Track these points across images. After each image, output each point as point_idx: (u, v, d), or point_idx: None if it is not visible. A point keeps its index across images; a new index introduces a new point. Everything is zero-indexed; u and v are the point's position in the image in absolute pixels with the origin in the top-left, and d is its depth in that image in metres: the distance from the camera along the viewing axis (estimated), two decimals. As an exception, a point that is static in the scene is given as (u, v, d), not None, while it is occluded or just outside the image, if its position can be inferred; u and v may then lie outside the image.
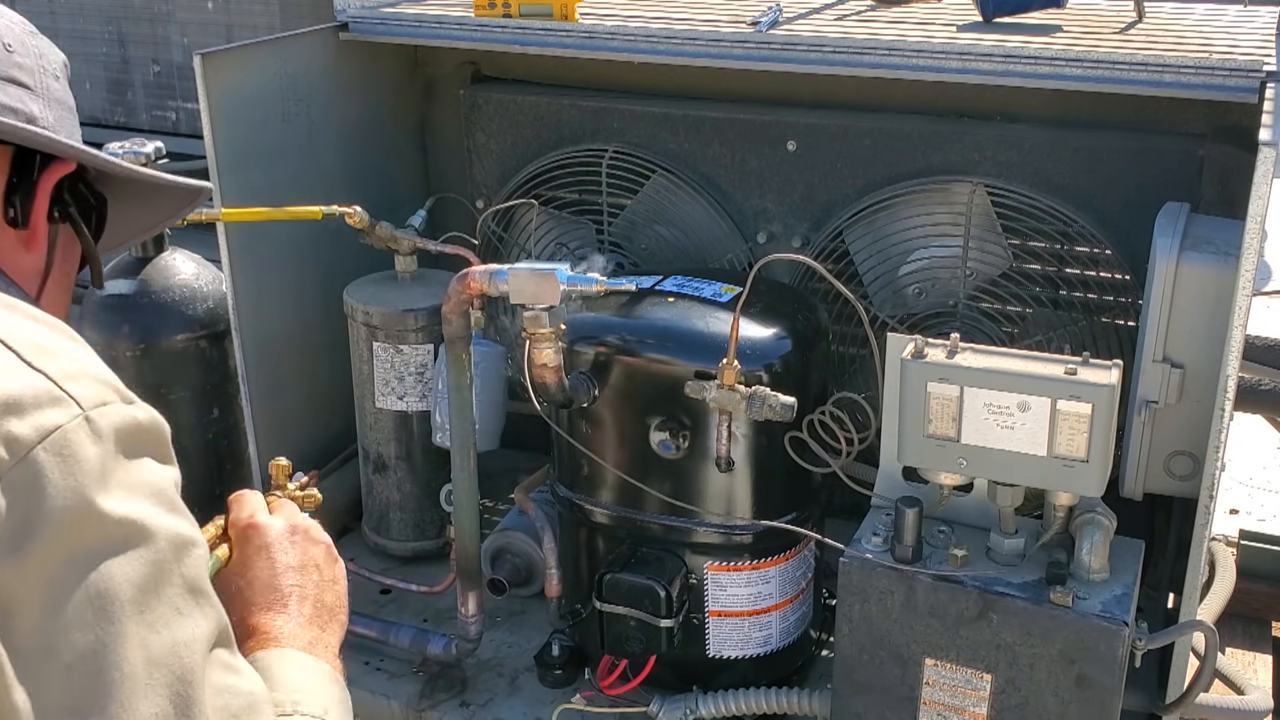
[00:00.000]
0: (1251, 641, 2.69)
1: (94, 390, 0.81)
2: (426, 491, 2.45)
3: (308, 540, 1.23)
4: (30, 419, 0.77)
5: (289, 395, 2.49)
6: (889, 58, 2.06)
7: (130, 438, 0.82)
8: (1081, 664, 1.63)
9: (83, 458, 0.78)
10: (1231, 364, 1.60)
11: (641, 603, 1.92)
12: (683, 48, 2.21)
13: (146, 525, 0.81)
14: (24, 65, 1.02)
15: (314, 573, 1.20)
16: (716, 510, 1.96)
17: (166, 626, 0.81)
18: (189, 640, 0.82)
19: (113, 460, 0.80)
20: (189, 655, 0.82)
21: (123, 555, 0.79)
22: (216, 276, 2.61)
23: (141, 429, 0.84)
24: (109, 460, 0.79)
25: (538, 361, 1.85)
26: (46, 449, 0.76)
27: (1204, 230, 1.81)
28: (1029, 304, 2.19)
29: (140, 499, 0.81)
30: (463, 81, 2.63)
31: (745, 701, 1.98)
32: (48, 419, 0.77)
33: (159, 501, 0.83)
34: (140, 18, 5.73)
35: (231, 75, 2.22)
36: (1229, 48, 2.00)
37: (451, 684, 2.15)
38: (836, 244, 2.31)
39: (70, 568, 0.77)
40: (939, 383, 1.66)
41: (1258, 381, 2.60)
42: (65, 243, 1.07)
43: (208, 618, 0.85)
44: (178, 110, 5.78)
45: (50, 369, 0.80)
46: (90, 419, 0.79)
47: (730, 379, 1.80)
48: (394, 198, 2.59)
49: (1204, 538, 1.69)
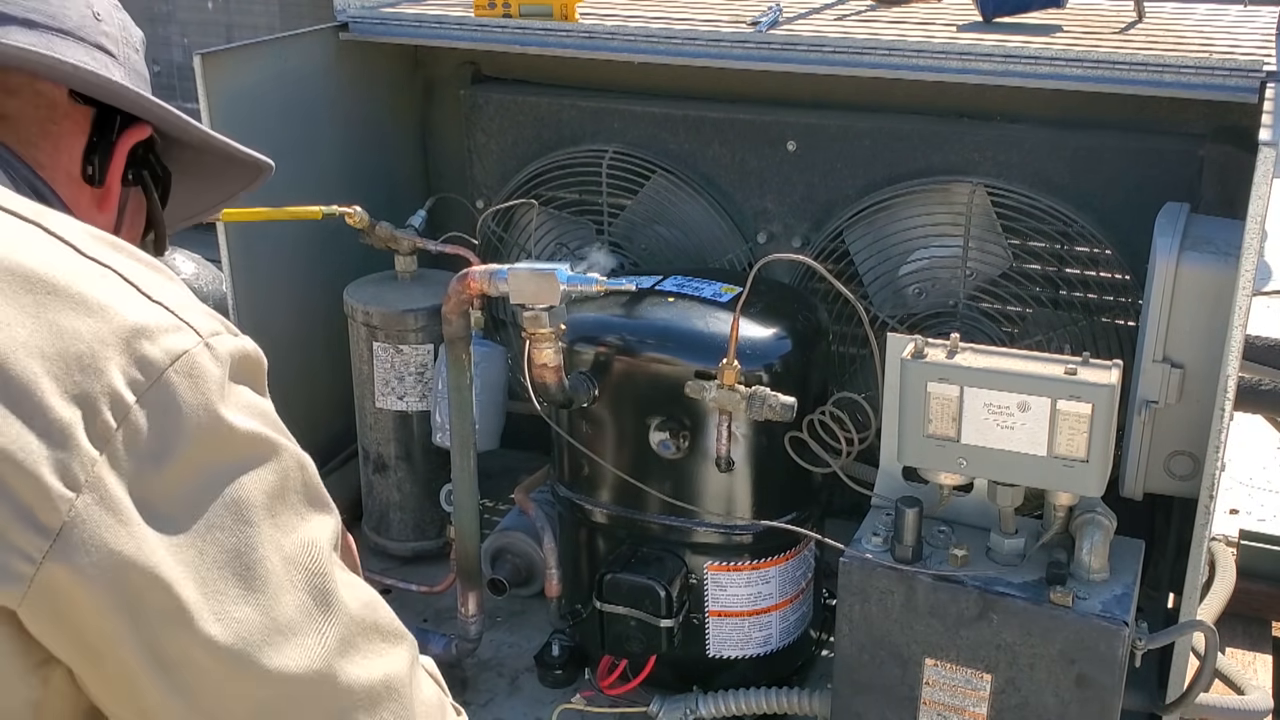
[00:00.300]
0: (1251, 641, 2.69)
1: (208, 321, 0.87)
2: (426, 491, 2.45)
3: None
4: (160, 343, 0.82)
5: (289, 395, 2.48)
6: (889, 58, 2.06)
7: (240, 365, 0.88)
8: (1081, 664, 1.63)
9: (210, 378, 0.83)
10: (1231, 364, 1.60)
11: (641, 603, 1.92)
12: (683, 48, 2.21)
13: (270, 439, 0.88)
14: (110, 34, 1.07)
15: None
16: (716, 510, 1.96)
17: (294, 530, 0.87)
18: (315, 540, 0.89)
19: (228, 385, 0.86)
20: (317, 553, 0.89)
21: (253, 467, 0.86)
22: (216, 276, 2.62)
23: (249, 358, 0.90)
24: (226, 383, 0.85)
25: (538, 361, 1.85)
26: (178, 370, 0.81)
27: (1204, 230, 1.81)
28: (1029, 304, 2.19)
29: (255, 417, 0.88)
30: (463, 81, 2.63)
31: (745, 701, 1.98)
32: (176, 343, 0.82)
33: (268, 422, 0.90)
34: (140, 18, 5.71)
35: (231, 75, 2.22)
36: (1229, 48, 2.00)
37: (451, 684, 2.14)
38: (836, 244, 2.31)
39: (208, 478, 0.83)
40: (939, 383, 1.66)
41: (1258, 381, 2.60)
42: (134, 208, 1.12)
43: (325, 524, 0.91)
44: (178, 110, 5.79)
45: (169, 301, 0.85)
46: (210, 345, 0.85)
47: (730, 379, 1.80)
48: (394, 198, 2.59)
49: (1204, 538, 1.69)
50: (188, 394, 0.82)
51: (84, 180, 1.04)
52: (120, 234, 1.09)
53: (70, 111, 1.03)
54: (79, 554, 0.75)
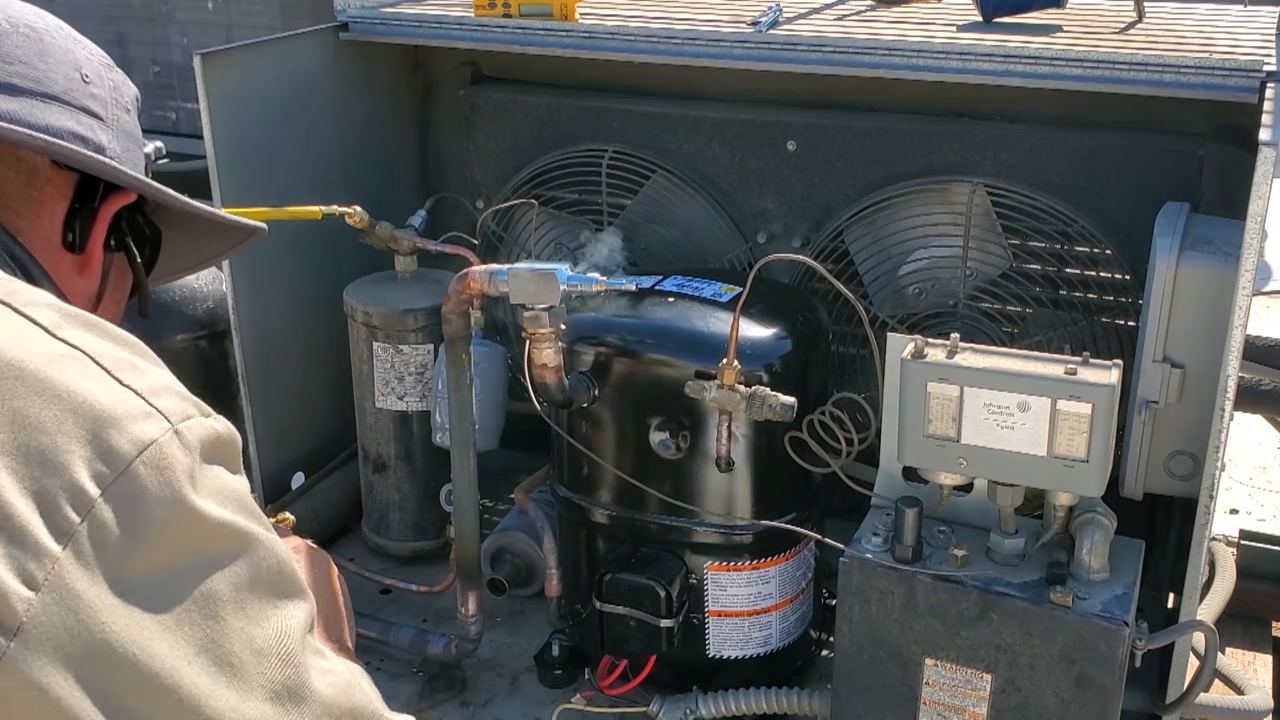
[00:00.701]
0: (1251, 641, 2.69)
1: (179, 405, 0.86)
2: (426, 491, 2.45)
3: (319, 556, 1.30)
4: (127, 433, 0.80)
5: (289, 395, 2.49)
6: (889, 58, 2.06)
7: (211, 448, 0.87)
8: (1082, 664, 1.63)
9: (178, 467, 0.82)
10: (1231, 364, 1.60)
11: (641, 603, 1.92)
12: (683, 48, 2.21)
13: (239, 528, 0.86)
14: (98, 96, 1.05)
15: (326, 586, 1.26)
16: (716, 510, 1.96)
17: (266, 620, 0.86)
18: (287, 630, 0.88)
19: (199, 469, 0.84)
20: (289, 642, 0.87)
21: (224, 561, 0.84)
22: (216, 276, 2.62)
23: (221, 441, 0.89)
24: (196, 470, 0.84)
25: (538, 361, 1.85)
26: (145, 461, 0.80)
27: (1204, 230, 1.81)
28: (1029, 304, 2.19)
29: (227, 504, 0.86)
30: (463, 81, 2.63)
31: (745, 701, 1.98)
32: (143, 432, 0.81)
33: (241, 507, 0.88)
34: (140, 18, 5.74)
35: (231, 75, 2.22)
36: (1229, 48, 2.00)
37: (451, 684, 2.15)
38: (836, 244, 2.31)
39: (178, 570, 0.81)
40: (939, 383, 1.66)
41: (1258, 381, 2.60)
42: (118, 271, 1.11)
43: (297, 611, 0.90)
44: (178, 110, 5.78)
45: (138, 385, 0.84)
46: (179, 432, 0.83)
47: (730, 379, 1.80)
48: (394, 198, 2.59)
49: (1204, 538, 1.69)
50: (155, 485, 0.80)
51: (64, 247, 1.03)
52: (104, 298, 1.09)
53: (52, 177, 1.02)
54: (37, 654, 0.73)
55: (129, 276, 1.13)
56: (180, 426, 0.84)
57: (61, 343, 0.83)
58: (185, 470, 0.82)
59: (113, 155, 1.05)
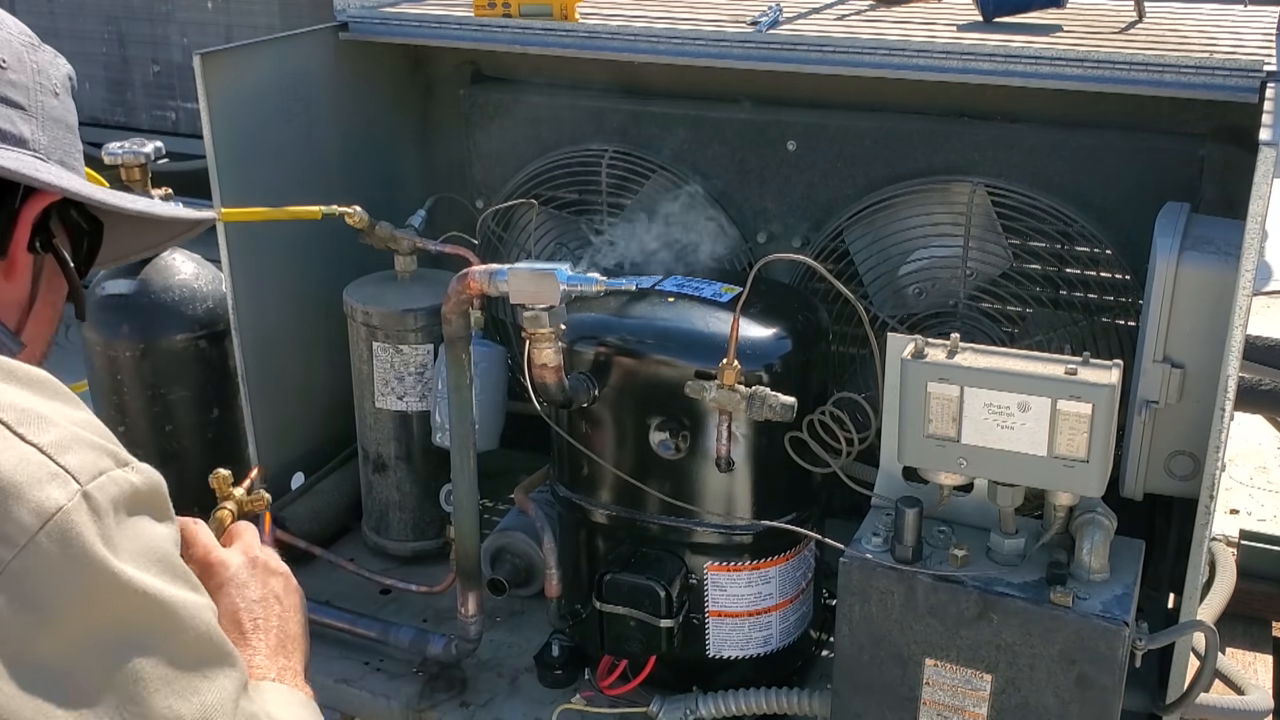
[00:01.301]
0: (1252, 641, 2.69)
1: (90, 460, 0.79)
2: (426, 491, 2.44)
3: (267, 572, 1.25)
4: (29, 503, 0.75)
5: (289, 395, 2.49)
6: (890, 58, 2.06)
7: (131, 502, 0.81)
8: (1082, 664, 1.63)
9: (86, 535, 0.76)
10: (1232, 364, 1.60)
11: (641, 603, 1.92)
12: (683, 47, 2.21)
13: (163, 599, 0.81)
14: (18, 83, 0.97)
15: (275, 604, 1.22)
16: (716, 510, 1.96)
17: (195, 693, 0.82)
18: (218, 702, 0.83)
19: (117, 529, 0.78)
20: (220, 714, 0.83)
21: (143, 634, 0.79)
22: (216, 276, 2.61)
23: (139, 494, 0.83)
24: (113, 530, 0.78)
25: (538, 361, 1.85)
26: (49, 534, 0.74)
27: (1204, 230, 1.80)
28: (1029, 304, 2.19)
29: (147, 568, 0.80)
30: (463, 81, 2.63)
31: (745, 702, 1.98)
32: (47, 501, 0.75)
33: (164, 569, 0.82)
34: (140, 18, 5.73)
35: (231, 75, 2.22)
36: (1230, 48, 2.00)
37: (451, 684, 2.15)
38: (836, 244, 2.31)
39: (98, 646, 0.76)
40: (939, 383, 1.65)
41: (1258, 381, 2.60)
42: (51, 272, 1.03)
43: (227, 680, 0.85)
44: (177, 110, 5.79)
45: (44, 441, 0.78)
46: (88, 495, 0.77)
47: (730, 379, 1.80)
48: (394, 198, 2.59)
49: (1204, 538, 1.69)
50: (62, 558, 0.74)
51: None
52: (35, 303, 1.00)
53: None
54: None
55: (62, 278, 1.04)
56: (90, 487, 0.77)
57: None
58: (97, 535, 0.76)
59: (37, 147, 0.97)
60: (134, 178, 2.53)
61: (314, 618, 2.23)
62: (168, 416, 2.61)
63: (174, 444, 2.62)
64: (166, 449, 2.61)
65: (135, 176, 2.53)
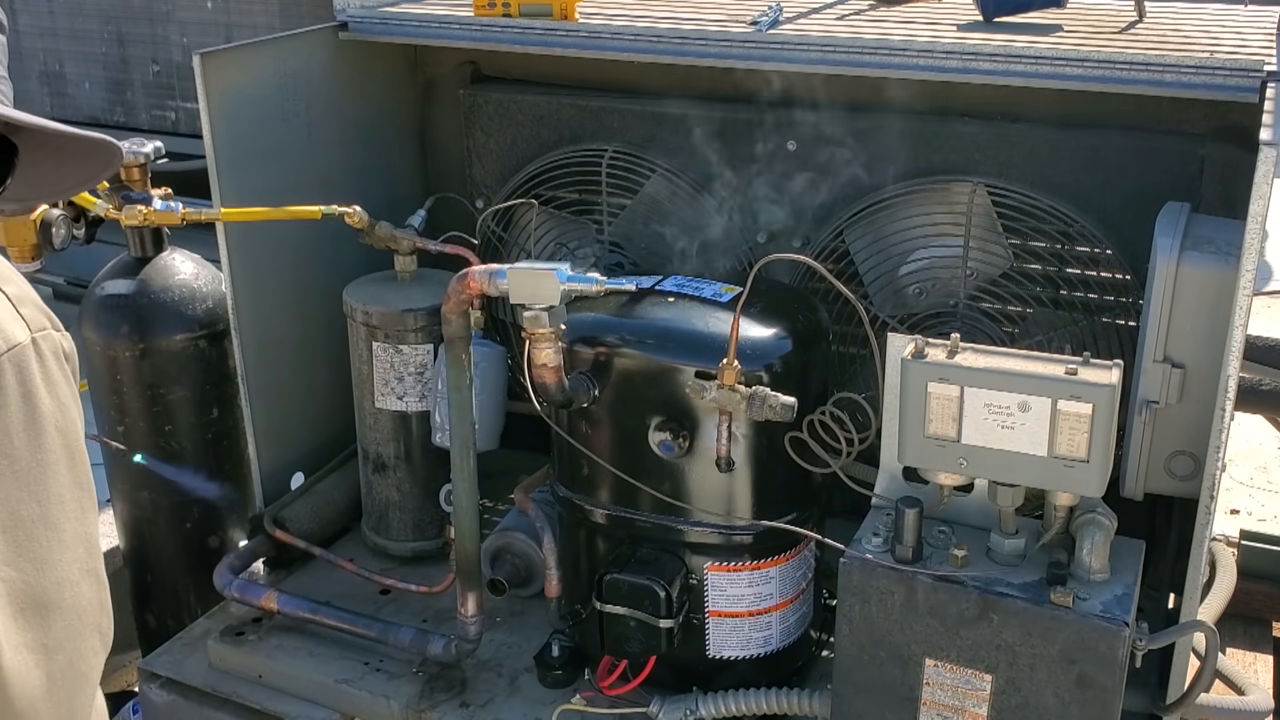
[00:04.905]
0: (1252, 641, 2.69)
1: (38, 316, 0.95)
2: (426, 491, 2.44)
3: None
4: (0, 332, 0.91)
5: (288, 395, 2.49)
6: (891, 58, 2.06)
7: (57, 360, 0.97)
8: (1082, 664, 1.63)
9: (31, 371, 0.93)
10: (1232, 364, 1.60)
11: (641, 603, 1.92)
12: (683, 47, 2.21)
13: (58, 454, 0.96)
14: None
15: None
16: (716, 511, 1.96)
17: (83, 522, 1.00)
18: (92, 537, 1.01)
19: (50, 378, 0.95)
20: (94, 549, 1.01)
21: (52, 463, 0.95)
22: (216, 276, 2.61)
23: (68, 355, 0.99)
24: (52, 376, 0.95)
25: (538, 361, 1.85)
26: (11, 359, 0.91)
27: (1204, 230, 1.80)
28: (1029, 304, 2.19)
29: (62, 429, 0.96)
30: (463, 81, 2.63)
31: (745, 702, 1.97)
32: (11, 334, 0.91)
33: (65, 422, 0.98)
34: (140, 17, 5.73)
35: (231, 75, 2.22)
36: (1230, 48, 2.00)
37: (451, 684, 2.15)
38: (837, 244, 2.31)
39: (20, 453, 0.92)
40: (939, 383, 1.65)
41: (1258, 381, 2.60)
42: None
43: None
44: (177, 110, 5.78)
45: (10, 291, 0.93)
46: (36, 341, 0.93)
47: (730, 379, 1.80)
48: (394, 198, 2.59)
49: (1204, 538, 1.69)
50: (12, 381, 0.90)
51: None
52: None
53: None
54: None
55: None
56: (38, 335, 0.93)
57: None
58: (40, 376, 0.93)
59: None
60: (134, 178, 2.52)
61: (314, 618, 2.25)
62: (167, 416, 2.61)
63: (174, 444, 2.62)
64: (166, 449, 2.61)
65: (135, 176, 2.53)
